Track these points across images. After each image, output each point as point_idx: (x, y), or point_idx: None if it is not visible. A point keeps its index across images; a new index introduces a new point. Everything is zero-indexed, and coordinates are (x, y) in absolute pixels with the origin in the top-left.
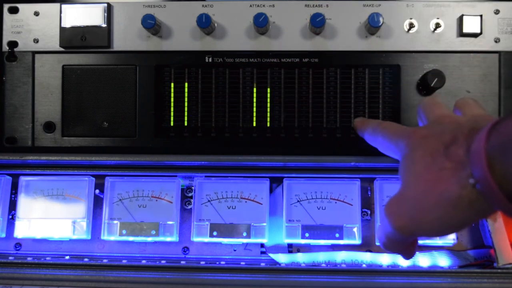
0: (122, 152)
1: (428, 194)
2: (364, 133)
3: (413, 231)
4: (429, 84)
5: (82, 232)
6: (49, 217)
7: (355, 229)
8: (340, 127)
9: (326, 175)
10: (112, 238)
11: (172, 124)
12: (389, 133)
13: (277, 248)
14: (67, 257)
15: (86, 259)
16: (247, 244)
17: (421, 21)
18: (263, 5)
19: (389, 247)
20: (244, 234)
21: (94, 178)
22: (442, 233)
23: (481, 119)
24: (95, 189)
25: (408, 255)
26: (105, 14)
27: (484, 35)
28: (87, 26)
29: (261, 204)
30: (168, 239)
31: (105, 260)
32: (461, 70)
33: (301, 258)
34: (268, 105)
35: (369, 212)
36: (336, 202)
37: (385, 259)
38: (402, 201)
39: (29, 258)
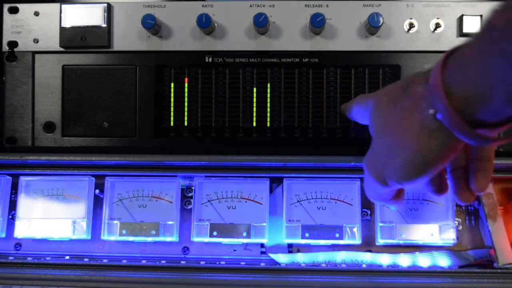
0: (122, 152)
1: (393, 137)
2: (345, 111)
3: (385, 177)
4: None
5: (82, 232)
6: (49, 217)
7: (355, 229)
8: (340, 127)
9: (326, 175)
10: (112, 238)
11: (172, 124)
12: (359, 100)
13: (277, 248)
14: (67, 257)
15: (86, 259)
16: (247, 244)
17: (421, 21)
18: (263, 5)
19: (377, 199)
20: (244, 234)
21: (94, 178)
22: (413, 174)
23: (443, 56)
24: (95, 189)
25: (397, 204)
26: (105, 14)
27: None
28: (87, 26)
29: (261, 204)
30: (168, 239)
31: (105, 260)
32: None
33: (301, 258)
34: (268, 105)
35: (369, 212)
36: (336, 202)
37: (385, 259)
38: (374, 152)
39: (29, 258)
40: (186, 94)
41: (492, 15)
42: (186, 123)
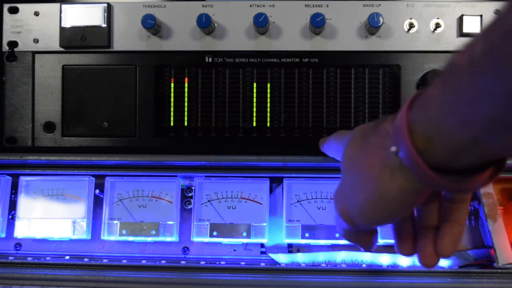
0: (122, 152)
1: (358, 174)
2: (323, 145)
3: (350, 216)
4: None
5: (82, 232)
6: (49, 217)
7: None
8: (340, 127)
9: (326, 175)
10: (112, 238)
11: (172, 124)
12: (337, 135)
13: (277, 248)
14: (67, 257)
15: (86, 259)
16: (247, 244)
17: (421, 21)
18: (263, 5)
19: (346, 237)
20: (244, 234)
21: (94, 178)
22: (374, 216)
23: (413, 95)
24: (95, 189)
25: (365, 247)
26: (105, 14)
27: None
28: (87, 26)
29: (261, 204)
30: (168, 239)
31: (105, 260)
32: None
33: (301, 258)
34: (268, 105)
35: None
36: None
37: (385, 259)
38: (342, 187)
39: (29, 258)
40: (186, 94)
41: (455, 55)
42: (186, 123)
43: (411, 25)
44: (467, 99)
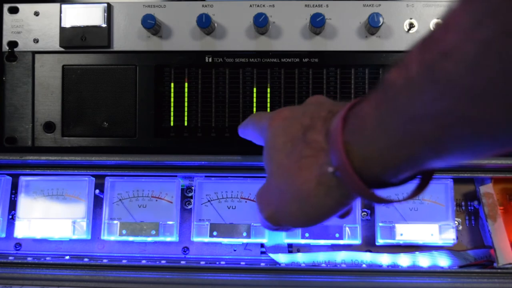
0: (122, 152)
1: (290, 185)
2: (239, 128)
3: (279, 221)
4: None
5: (82, 232)
6: (49, 217)
7: (355, 229)
8: None
9: None
10: (112, 238)
11: (172, 124)
12: (255, 119)
13: (277, 248)
14: (67, 257)
15: (86, 259)
16: (247, 244)
17: (421, 21)
18: (263, 5)
19: (268, 229)
20: (244, 234)
21: (94, 178)
22: (306, 223)
23: (340, 103)
24: (95, 189)
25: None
26: (105, 14)
27: None
28: (87, 26)
29: None
30: (168, 239)
31: (105, 260)
32: None
33: (301, 258)
34: (268, 105)
35: (369, 212)
36: None
37: (385, 259)
38: (268, 191)
39: (29, 258)
40: (186, 94)
41: (389, 73)
42: (186, 123)
43: (411, 25)
44: (404, 119)
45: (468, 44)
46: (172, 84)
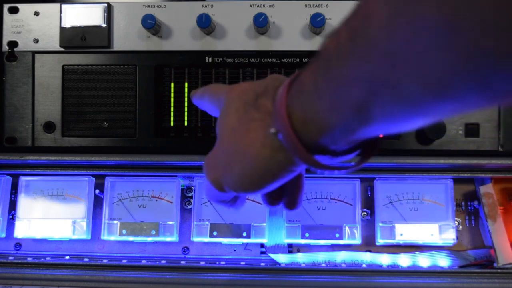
0: (122, 152)
1: (237, 146)
2: (194, 96)
3: (222, 185)
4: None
5: (82, 232)
6: (49, 217)
7: (355, 229)
8: None
9: (326, 175)
10: (112, 238)
11: (172, 124)
12: (213, 90)
13: (277, 248)
14: (67, 257)
15: (86, 259)
16: (247, 244)
17: None
18: (263, 5)
19: (212, 199)
20: (244, 234)
21: (94, 178)
22: (249, 188)
23: (291, 76)
24: (95, 189)
25: (233, 208)
26: (105, 14)
27: None
28: (87, 26)
29: (261, 204)
30: (168, 239)
31: (105, 260)
32: None
33: (301, 258)
34: None
35: (369, 212)
36: (336, 202)
37: (385, 259)
38: (215, 155)
39: (29, 258)
40: (186, 94)
41: (325, 40)
42: (186, 123)
43: None
44: (335, 85)
45: (383, 7)
46: (172, 84)
